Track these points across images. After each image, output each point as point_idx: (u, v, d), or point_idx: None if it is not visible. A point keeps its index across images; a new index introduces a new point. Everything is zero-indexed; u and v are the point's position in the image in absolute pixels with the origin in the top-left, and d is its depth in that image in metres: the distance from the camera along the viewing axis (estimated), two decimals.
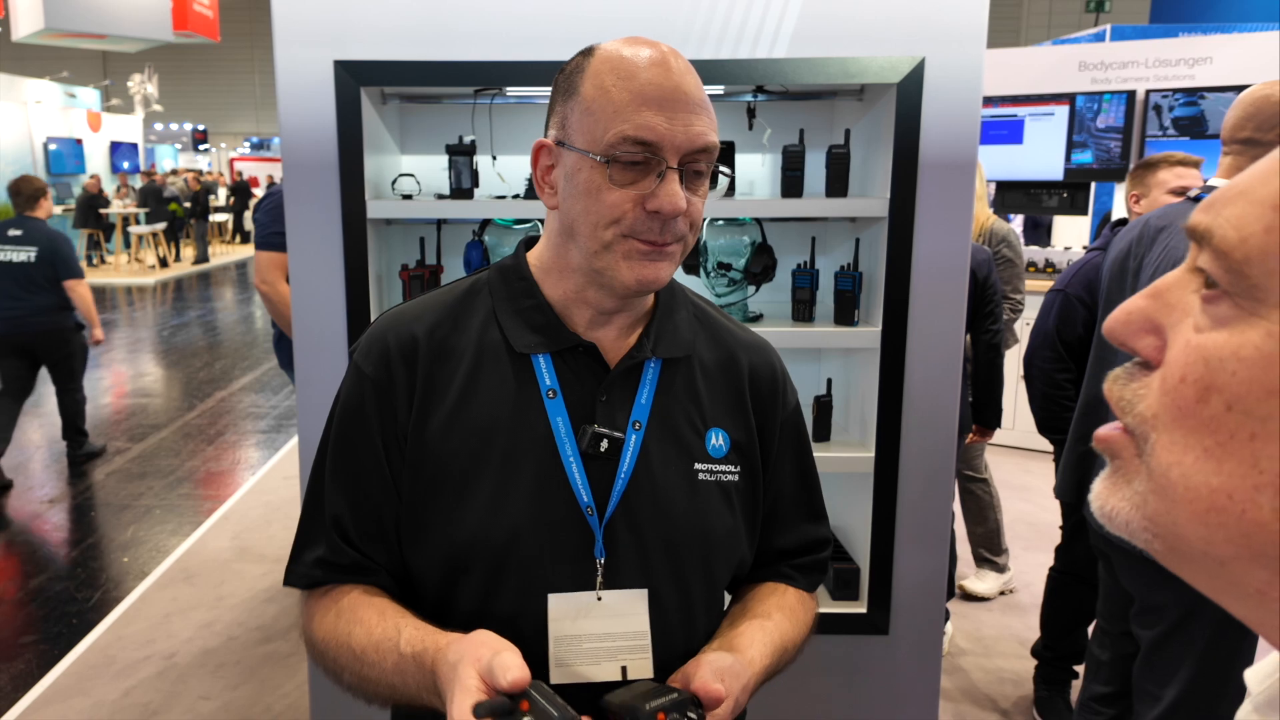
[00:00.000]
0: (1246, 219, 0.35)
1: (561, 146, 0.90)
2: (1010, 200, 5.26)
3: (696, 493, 0.96)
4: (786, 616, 1.01)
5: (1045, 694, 2.72)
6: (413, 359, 0.94)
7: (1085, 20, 15.89)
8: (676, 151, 0.85)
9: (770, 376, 1.04)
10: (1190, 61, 5.01)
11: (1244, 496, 0.34)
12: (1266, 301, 0.34)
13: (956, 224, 1.91)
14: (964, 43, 1.84)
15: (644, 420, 0.95)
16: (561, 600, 0.91)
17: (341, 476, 0.96)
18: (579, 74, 0.89)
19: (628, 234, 0.86)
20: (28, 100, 13.74)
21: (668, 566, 0.94)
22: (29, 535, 4.18)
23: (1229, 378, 0.35)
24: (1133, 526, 0.39)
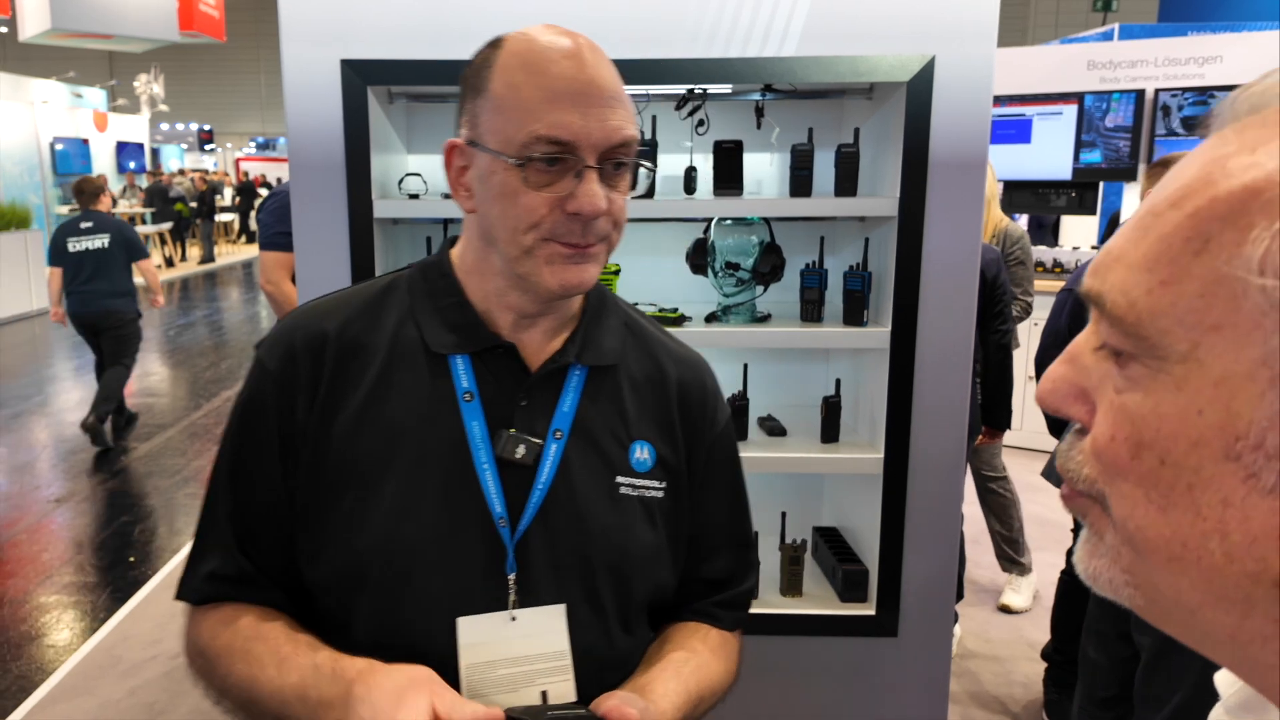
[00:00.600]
0: (1129, 284, 0.36)
1: (473, 147, 0.84)
2: (1018, 200, 5.24)
3: (617, 507, 0.91)
4: (706, 660, 0.95)
5: (1055, 697, 2.70)
6: (320, 355, 0.88)
7: (1093, 19, 15.83)
8: (594, 149, 0.80)
9: (700, 393, 1.00)
10: (1200, 60, 4.98)
11: (1196, 544, 0.35)
12: (1169, 358, 0.35)
13: (966, 224, 1.89)
14: (974, 41, 1.82)
15: (566, 429, 0.90)
16: (472, 623, 0.85)
17: (236, 480, 0.90)
18: (486, 69, 0.84)
19: (548, 237, 0.82)
20: (34, 100, 13.78)
21: (582, 583, 0.89)
22: (37, 534, 4.18)
23: (1154, 433, 0.36)
24: (1115, 583, 0.40)
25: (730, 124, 2.16)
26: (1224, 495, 0.34)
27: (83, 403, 6.50)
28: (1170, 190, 0.37)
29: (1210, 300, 0.34)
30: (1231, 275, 0.33)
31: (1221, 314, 0.34)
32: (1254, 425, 0.33)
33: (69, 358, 8.19)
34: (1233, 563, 0.34)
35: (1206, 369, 0.34)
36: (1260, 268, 0.33)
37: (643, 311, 1.05)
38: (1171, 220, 0.35)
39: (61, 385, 7.14)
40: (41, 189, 13.57)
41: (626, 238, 2.56)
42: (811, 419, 2.16)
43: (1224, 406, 0.34)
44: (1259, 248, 0.33)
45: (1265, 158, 0.34)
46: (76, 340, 8.82)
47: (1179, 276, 0.35)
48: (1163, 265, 0.35)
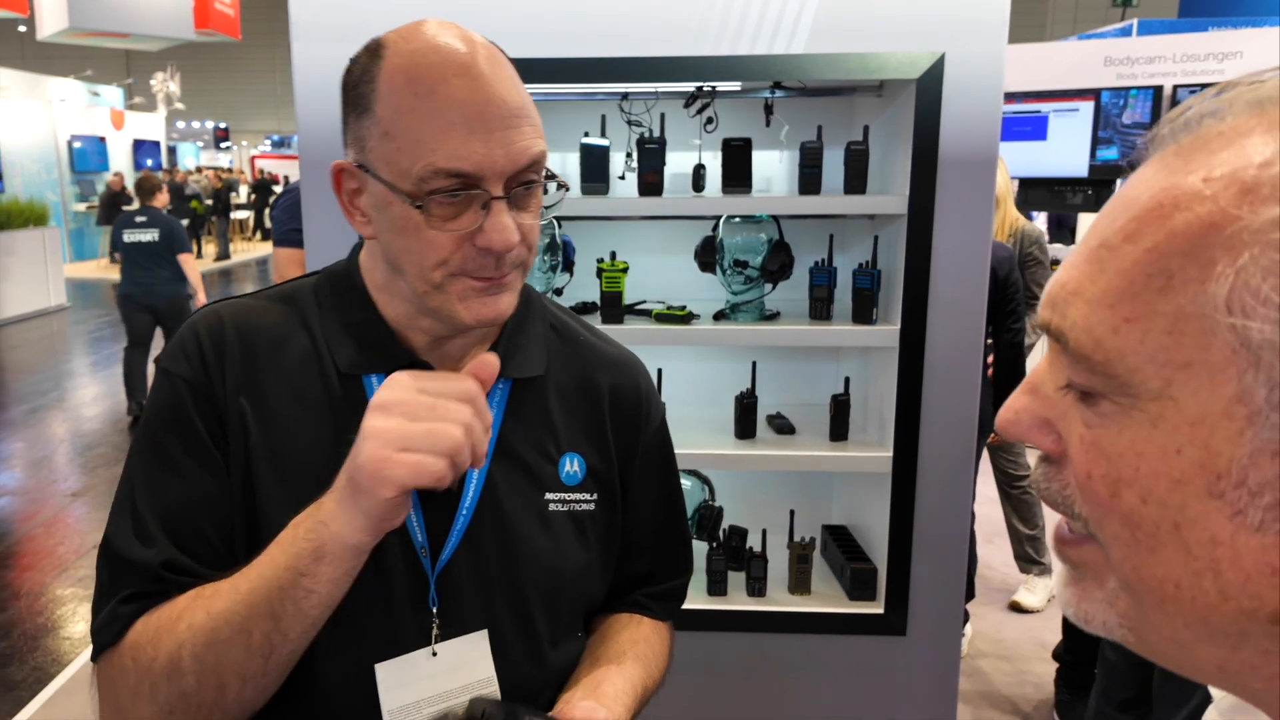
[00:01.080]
0: (1091, 322, 0.36)
1: (364, 171, 0.76)
2: (1033, 197, 5.20)
3: (547, 527, 0.87)
4: (644, 652, 0.94)
5: (1067, 697, 2.69)
6: (225, 358, 0.81)
7: (1112, 15, 15.68)
8: (499, 177, 0.73)
9: (634, 396, 0.95)
10: (1220, 56, 4.93)
11: (1189, 584, 0.34)
12: (1141, 395, 0.34)
13: (977, 221, 1.88)
14: (985, 37, 1.81)
15: (489, 449, 0.81)
16: (390, 668, 0.80)
17: (163, 499, 0.78)
18: (368, 85, 0.75)
19: (458, 273, 0.76)
20: (52, 99, 13.93)
21: (510, 605, 0.85)
22: (53, 528, 4.23)
23: (1133, 472, 0.35)
24: (1109, 625, 0.39)
25: (739, 122, 2.15)
26: (1212, 533, 0.33)
27: (99, 398, 6.57)
28: (1122, 222, 0.36)
29: (1179, 338, 0.33)
30: (1199, 313, 0.33)
31: (1191, 351, 0.33)
32: (1235, 463, 0.33)
33: (86, 354, 8.28)
34: (1228, 600, 0.34)
35: (1181, 407, 0.33)
36: (1228, 306, 0.32)
37: (569, 310, 1.00)
38: (1129, 255, 0.35)
39: (78, 381, 7.22)
40: (59, 186, 13.73)
41: (634, 236, 2.56)
42: (820, 417, 2.16)
43: (1203, 445, 0.33)
44: (1224, 285, 0.32)
45: (1220, 189, 0.33)
46: (94, 336, 8.93)
47: (1144, 314, 0.34)
48: (1125, 302, 0.35)
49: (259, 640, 0.72)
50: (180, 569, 0.77)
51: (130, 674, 0.75)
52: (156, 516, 0.78)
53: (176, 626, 0.73)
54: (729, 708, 2.11)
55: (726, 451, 2.04)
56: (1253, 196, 0.32)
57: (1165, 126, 0.37)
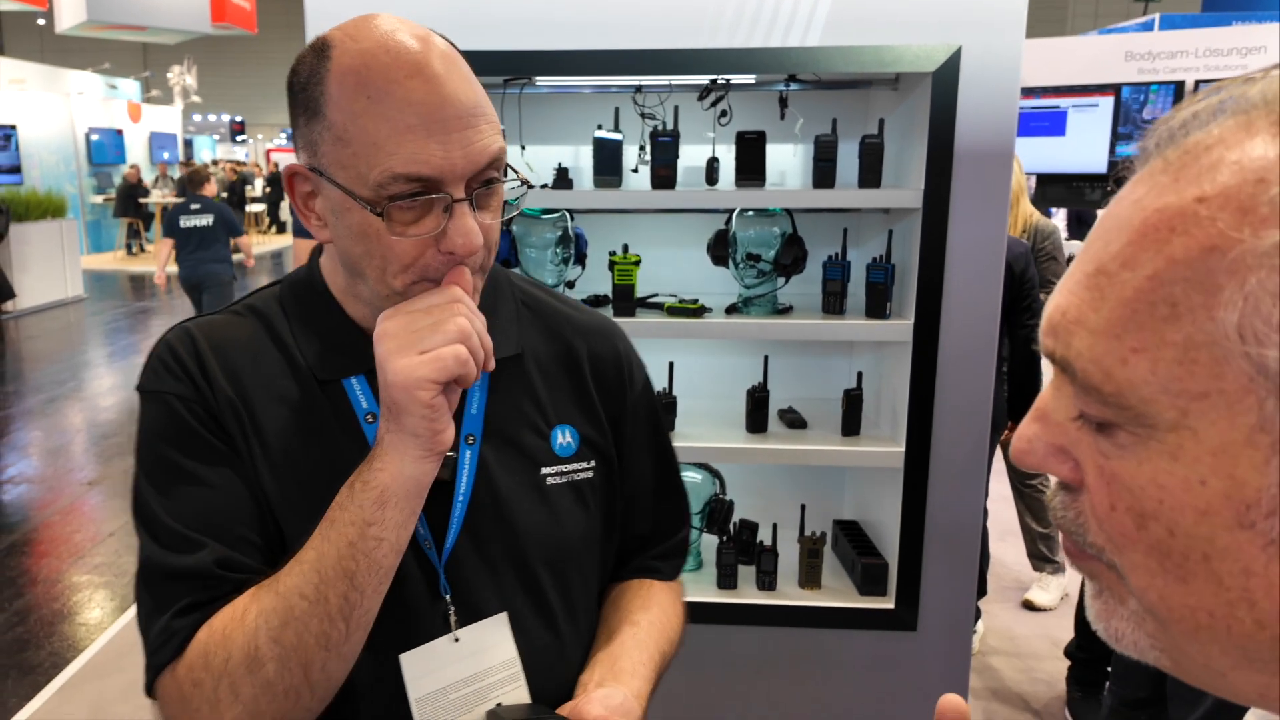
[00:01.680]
0: (1099, 354, 0.34)
1: (318, 175, 0.74)
2: (1051, 194, 5.15)
3: (546, 501, 0.87)
4: (658, 617, 0.95)
5: (1079, 695, 2.67)
6: (208, 372, 0.80)
7: (1134, 10, 15.49)
8: (460, 179, 0.71)
9: (614, 360, 0.96)
10: (1243, 51, 4.86)
11: (1223, 613, 0.33)
12: (1158, 426, 0.33)
13: (992, 216, 1.87)
14: (1002, 30, 1.79)
15: (478, 433, 0.84)
16: (415, 657, 0.81)
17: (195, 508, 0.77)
18: (316, 86, 0.72)
19: (420, 278, 0.74)
20: (70, 91, 14.04)
21: (521, 584, 0.86)
22: (70, 516, 4.28)
23: (1157, 505, 0.34)
24: (1140, 646, 0.38)
25: (753, 114, 2.14)
26: (1244, 564, 0.32)
27: (115, 388, 6.63)
28: (1118, 246, 0.35)
29: (1191, 367, 0.32)
30: (1209, 341, 0.32)
31: (1206, 381, 0.32)
32: (1264, 492, 0.31)
33: (103, 344, 8.35)
34: (1263, 629, 0.33)
35: (1201, 438, 0.32)
36: (1240, 334, 0.31)
37: (538, 282, 0.99)
38: (1130, 283, 0.34)
39: (95, 371, 7.28)
40: (77, 178, 13.85)
41: (647, 229, 2.55)
42: (833, 411, 2.15)
43: (1227, 475, 0.32)
44: (1233, 312, 0.31)
45: (1216, 210, 0.32)
46: (111, 327, 9.01)
47: (1152, 344, 0.33)
48: (1131, 332, 0.33)
49: (337, 603, 0.71)
50: (234, 565, 0.76)
51: (204, 684, 0.73)
52: (191, 524, 0.77)
53: (245, 618, 0.73)
54: (739, 701, 2.11)
55: (738, 445, 2.04)
56: (1252, 217, 0.31)
57: (1150, 139, 0.36)
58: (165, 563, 0.77)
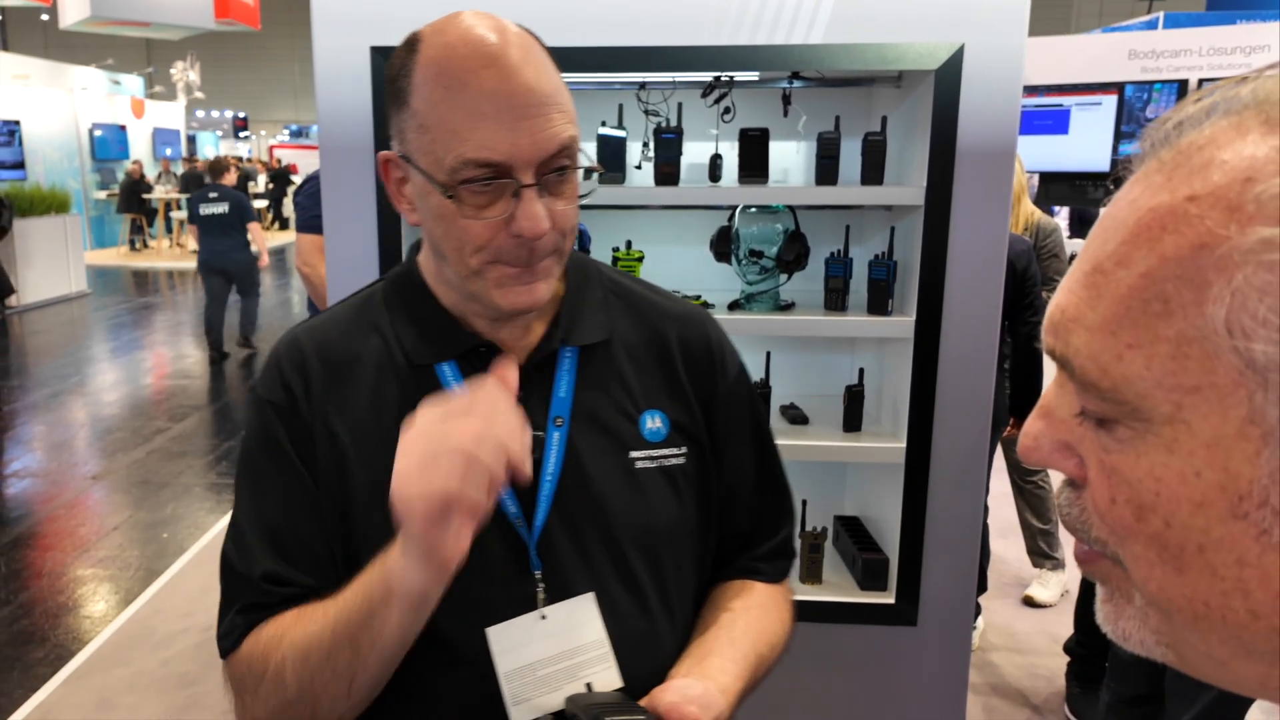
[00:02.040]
0: (1095, 350, 0.35)
1: (406, 161, 0.80)
2: (1055, 192, 5.15)
3: (635, 483, 0.88)
4: (757, 618, 0.93)
5: (1078, 691, 2.69)
6: (303, 369, 0.86)
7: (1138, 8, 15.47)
8: (529, 165, 0.75)
9: (704, 347, 0.95)
10: (1247, 50, 4.86)
11: (1218, 604, 0.34)
12: (1154, 420, 0.34)
13: (994, 213, 1.88)
14: (1005, 29, 1.80)
15: (566, 415, 0.87)
16: (501, 632, 0.82)
17: (263, 515, 0.85)
18: (405, 79, 0.78)
19: (494, 260, 0.78)
20: (74, 87, 14.05)
21: (612, 565, 0.86)
22: (73, 510, 4.30)
23: (1154, 497, 0.35)
24: (1147, 643, 0.39)
25: (756, 111, 2.15)
26: (1238, 555, 0.33)
27: (119, 383, 6.66)
28: (1113, 246, 0.36)
29: (1183, 362, 0.33)
30: (1200, 336, 0.32)
31: (1198, 375, 0.33)
32: (1255, 484, 0.32)
33: (106, 340, 8.37)
34: (1258, 619, 0.33)
35: (1195, 431, 0.33)
36: (1228, 328, 0.32)
37: (627, 273, 1.01)
38: (1124, 281, 0.35)
39: (98, 366, 7.30)
40: (80, 174, 13.87)
41: (650, 225, 2.56)
42: (834, 408, 2.16)
43: (1221, 467, 0.33)
44: (1221, 308, 0.32)
45: (1206, 209, 0.33)
46: (114, 323, 9.03)
47: (1146, 339, 0.34)
48: (1126, 329, 0.34)
49: (342, 667, 0.77)
50: (281, 580, 0.83)
51: (248, 679, 0.83)
52: (257, 532, 0.85)
53: (280, 643, 0.80)
54: None
55: None
56: (1239, 215, 0.32)
57: (1146, 140, 0.37)
58: (231, 561, 0.86)
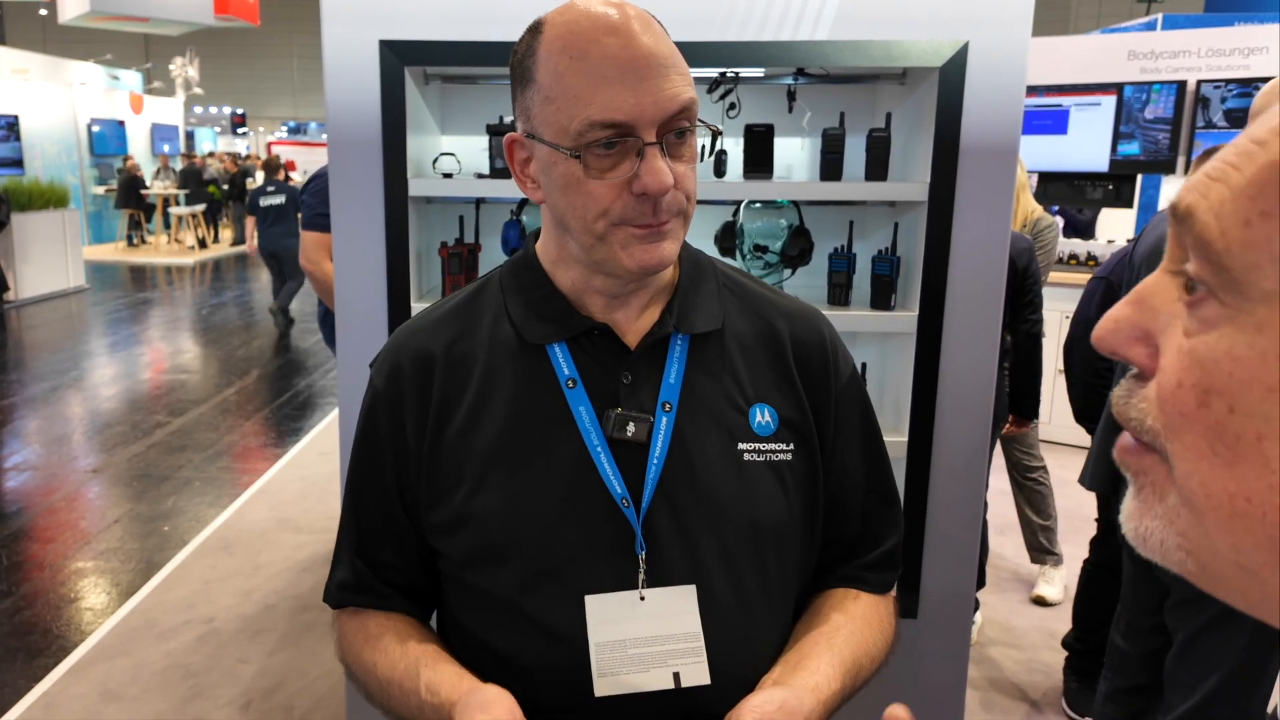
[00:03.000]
0: (1225, 209, 0.34)
1: (531, 139, 0.83)
2: (1053, 191, 5.18)
3: (743, 475, 0.88)
4: (858, 628, 0.92)
5: (1075, 685, 2.71)
6: (429, 374, 0.90)
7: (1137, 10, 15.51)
8: (651, 124, 0.78)
9: (819, 345, 0.95)
10: (1245, 51, 4.88)
11: (1263, 499, 0.33)
12: (1251, 296, 0.33)
13: (997, 210, 1.89)
14: (1009, 26, 1.82)
15: (674, 401, 0.87)
16: (600, 602, 0.84)
17: (356, 500, 0.95)
18: (530, 58, 0.82)
19: (619, 222, 0.80)
20: (72, 82, 14.03)
21: (717, 558, 0.86)
22: (73, 503, 4.30)
23: (1226, 379, 0.33)
24: (1167, 546, 0.37)
25: (762, 107, 2.17)
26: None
27: (117, 378, 6.66)
28: (1277, 121, 0.34)
29: None
30: None
31: None
32: None
33: (104, 335, 8.37)
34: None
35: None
36: None
37: (742, 269, 1.01)
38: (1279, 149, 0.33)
39: (96, 361, 7.30)
40: (78, 169, 13.84)
41: None
42: None
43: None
44: None
45: None
46: (112, 318, 9.02)
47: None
48: (1265, 195, 0.33)
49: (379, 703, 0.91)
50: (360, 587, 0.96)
51: (339, 642, 0.98)
52: (350, 536, 0.97)
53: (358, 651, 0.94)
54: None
55: None
56: None
57: None
58: (339, 543, 0.99)
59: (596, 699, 0.83)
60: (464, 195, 2.17)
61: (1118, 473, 1.58)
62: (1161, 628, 1.98)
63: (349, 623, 0.97)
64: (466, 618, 0.92)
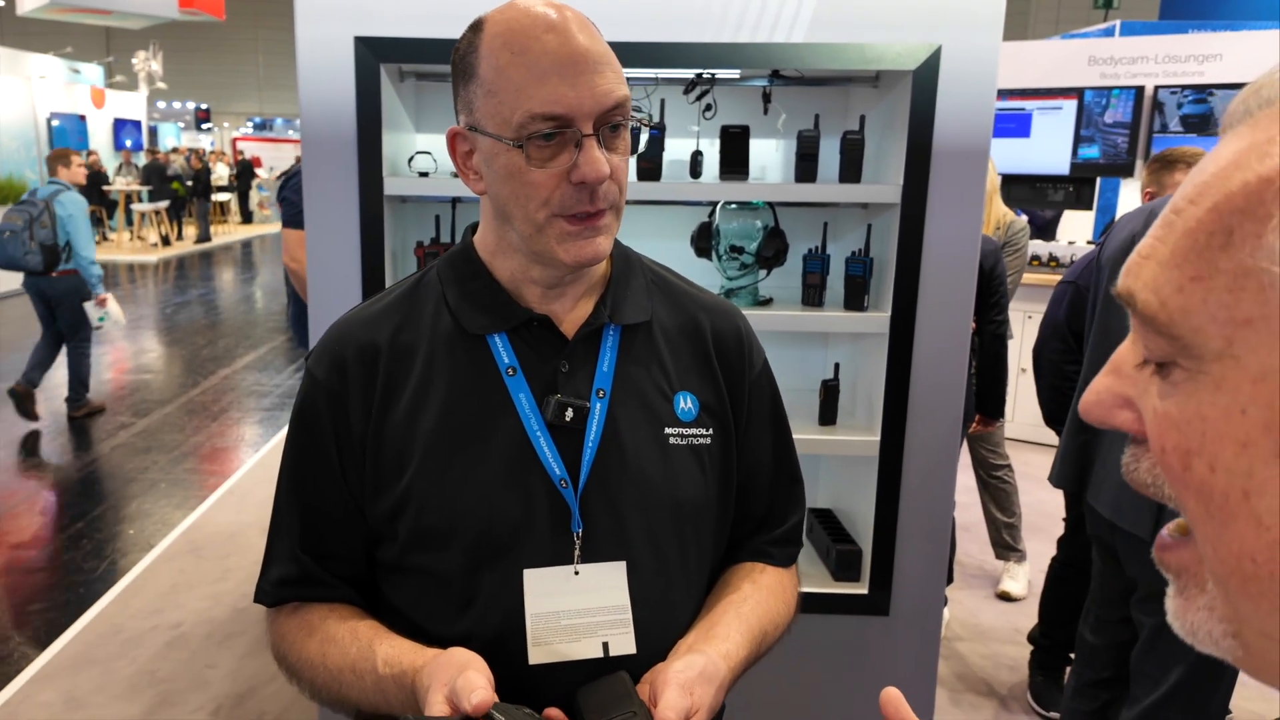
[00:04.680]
0: (1158, 282, 0.35)
1: (474, 132, 0.87)
2: (1017, 193, 5.27)
3: (668, 458, 0.94)
4: (764, 598, 0.98)
5: (1041, 679, 2.76)
6: (373, 365, 0.92)
7: (1094, 16, 15.83)
8: (588, 117, 0.82)
9: (735, 337, 1.02)
10: (1200, 58, 5.01)
11: (1265, 557, 0.33)
12: (1204, 357, 0.34)
13: (968, 212, 1.93)
14: (980, 31, 1.85)
15: (608, 388, 0.93)
16: (537, 576, 0.89)
17: (298, 492, 0.95)
18: (473, 54, 0.85)
19: (558, 213, 0.85)
20: (31, 75, 13.68)
21: (643, 535, 0.92)
22: (35, 506, 4.21)
23: (1200, 439, 0.34)
24: (1215, 635, 0.37)
25: (737, 109, 2.18)
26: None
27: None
28: (1190, 188, 0.36)
29: (1239, 295, 0.33)
30: (1257, 267, 0.32)
31: (1251, 307, 0.33)
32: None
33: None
34: None
35: (1244, 365, 0.33)
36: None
37: (668, 268, 1.07)
38: (1193, 216, 0.35)
39: (57, 361, 7.13)
40: (37, 164, 13.50)
41: (632, 221, 2.58)
42: (810, 402, 2.20)
43: (1266, 403, 0.32)
44: (1277, 238, 0.32)
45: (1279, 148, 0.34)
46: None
47: (1207, 272, 0.34)
48: (1190, 262, 0.34)
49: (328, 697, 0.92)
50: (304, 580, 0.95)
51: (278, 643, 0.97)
52: (290, 530, 0.96)
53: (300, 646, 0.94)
54: None
55: None
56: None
57: (1240, 105, 0.38)
58: (270, 540, 0.98)
59: (530, 666, 0.88)
60: (440, 194, 2.16)
61: (1085, 470, 1.63)
62: (1129, 622, 2.03)
63: (287, 620, 0.96)
64: (401, 600, 0.94)
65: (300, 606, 0.96)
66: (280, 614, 0.97)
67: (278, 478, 0.97)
